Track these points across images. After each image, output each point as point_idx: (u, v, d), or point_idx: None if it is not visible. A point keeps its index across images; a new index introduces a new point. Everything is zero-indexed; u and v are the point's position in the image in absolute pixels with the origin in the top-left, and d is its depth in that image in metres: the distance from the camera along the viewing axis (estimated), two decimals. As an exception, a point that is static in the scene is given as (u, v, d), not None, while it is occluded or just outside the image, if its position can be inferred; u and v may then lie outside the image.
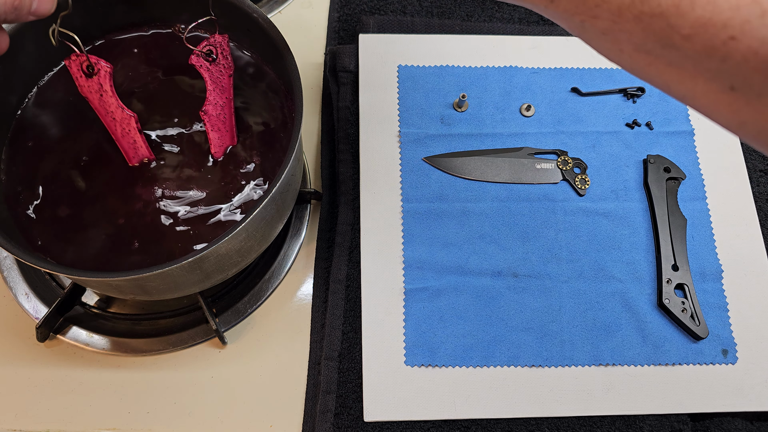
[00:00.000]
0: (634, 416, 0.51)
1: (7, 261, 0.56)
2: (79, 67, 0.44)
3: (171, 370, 0.53)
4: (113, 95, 0.45)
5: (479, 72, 0.63)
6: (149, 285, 0.43)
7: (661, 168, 0.59)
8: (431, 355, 0.52)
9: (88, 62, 0.44)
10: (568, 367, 0.52)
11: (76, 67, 0.44)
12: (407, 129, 0.60)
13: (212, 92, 0.47)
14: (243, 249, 0.45)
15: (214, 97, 0.47)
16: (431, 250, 0.55)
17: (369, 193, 0.57)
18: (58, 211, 0.45)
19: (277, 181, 0.41)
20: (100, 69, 0.44)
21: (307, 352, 0.53)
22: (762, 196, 0.60)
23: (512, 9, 0.68)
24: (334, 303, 0.54)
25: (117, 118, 0.46)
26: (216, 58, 0.46)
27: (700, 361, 0.53)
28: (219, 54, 0.46)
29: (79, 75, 0.44)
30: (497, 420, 0.51)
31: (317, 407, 0.51)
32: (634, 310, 0.54)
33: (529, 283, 0.55)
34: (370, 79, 0.62)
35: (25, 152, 0.47)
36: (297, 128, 0.42)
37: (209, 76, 0.46)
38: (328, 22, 0.67)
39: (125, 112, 0.46)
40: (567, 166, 0.59)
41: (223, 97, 0.47)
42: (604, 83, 0.63)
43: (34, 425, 0.50)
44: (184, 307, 0.55)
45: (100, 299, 0.55)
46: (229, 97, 0.48)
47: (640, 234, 0.57)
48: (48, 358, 0.52)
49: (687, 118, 0.62)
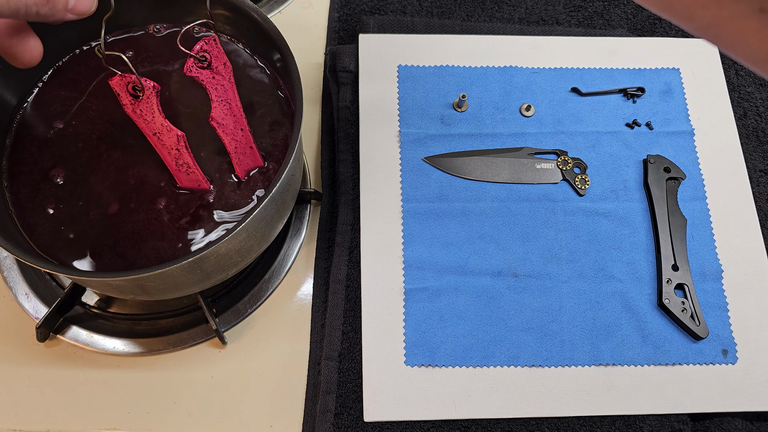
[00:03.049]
0: (634, 416, 0.51)
1: (7, 261, 0.56)
2: (125, 87, 0.42)
3: (171, 370, 0.53)
4: (160, 114, 0.43)
5: (479, 72, 0.63)
6: (149, 285, 0.43)
7: (661, 168, 0.59)
8: (431, 355, 0.52)
9: (137, 83, 0.41)
10: (568, 367, 0.52)
11: (121, 88, 0.42)
12: (407, 129, 0.60)
13: (216, 101, 0.45)
14: (243, 249, 0.45)
15: (219, 104, 0.45)
16: (431, 250, 0.55)
17: (369, 193, 0.57)
18: (59, 211, 0.45)
19: (277, 181, 0.41)
20: (147, 89, 0.42)
21: (307, 352, 0.53)
22: (762, 196, 0.60)
23: (512, 9, 0.68)
24: (334, 303, 0.54)
25: (164, 140, 0.43)
26: (210, 63, 0.44)
27: (700, 361, 0.53)
28: (212, 58, 0.44)
29: (125, 95, 0.42)
30: (497, 420, 0.51)
31: (317, 407, 0.51)
32: (634, 310, 0.54)
33: (529, 283, 0.55)
34: (370, 79, 0.62)
35: (26, 151, 0.47)
36: (297, 128, 0.42)
37: (209, 84, 0.44)
38: (328, 22, 0.67)
39: (172, 132, 0.43)
40: (567, 166, 0.59)
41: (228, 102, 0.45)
42: (604, 83, 0.63)
43: (34, 425, 0.50)
44: (184, 307, 0.55)
45: (100, 299, 0.55)
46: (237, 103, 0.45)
47: (640, 234, 0.57)
48: (48, 358, 0.53)
49: (687, 118, 0.62)
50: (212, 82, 0.44)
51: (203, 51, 0.43)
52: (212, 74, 0.44)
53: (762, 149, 0.63)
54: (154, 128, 0.43)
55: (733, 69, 0.66)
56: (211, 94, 0.45)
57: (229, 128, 0.45)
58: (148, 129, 0.44)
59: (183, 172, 0.45)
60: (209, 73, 0.44)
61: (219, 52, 0.44)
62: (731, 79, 0.65)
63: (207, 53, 0.44)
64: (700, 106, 0.63)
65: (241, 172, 0.46)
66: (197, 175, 0.45)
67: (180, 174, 0.45)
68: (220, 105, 0.45)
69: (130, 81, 0.41)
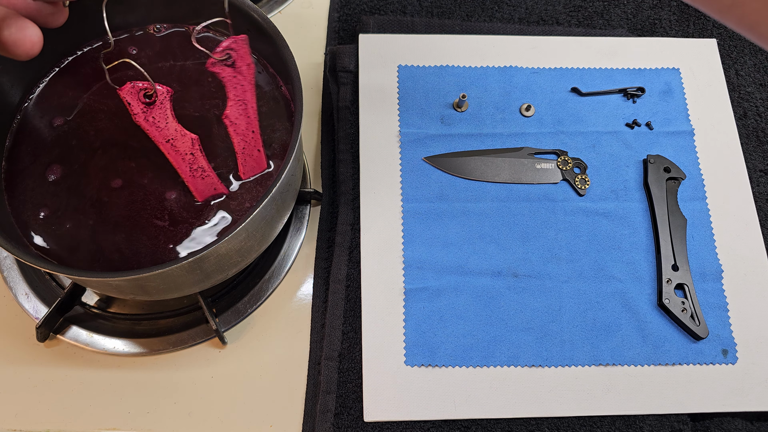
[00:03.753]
0: (634, 416, 0.51)
1: (7, 261, 0.56)
2: (137, 95, 0.40)
3: (171, 370, 0.53)
4: (174, 119, 0.41)
5: (479, 72, 0.63)
6: (149, 285, 0.43)
7: (661, 168, 0.59)
8: (431, 355, 0.52)
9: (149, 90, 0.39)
10: (568, 367, 0.52)
11: (132, 97, 0.40)
12: (407, 129, 0.60)
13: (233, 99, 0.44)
14: (243, 249, 0.45)
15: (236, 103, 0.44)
16: (431, 250, 0.55)
17: (369, 193, 0.57)
18: (59, 211, 0.45)
19: (277, 181, 0.41)
20: (161, 94, 0.40)
21: (307, 352, 0.53)
22: (762, 196, 0.60)
23: (512, 9, 0.68)
24: (334, 303, 0.54)
25: (178, 145, 0.42)
26: (234, 62, 0.43)
27: (700, 361, 0.53)
28: (237, 57, 0.43)
29: (137, 103, 0.40)
30: (497, 420, 0.51)
31: (317, 407, 0.51)
32: (634, 310, 0.54)
33: (529, 283, 0.55)
34: (370, 79, 0.62)
35: (26, 151, 0.47)
36: (297, 128, 0.42)
37: (229, 82, 0.43)
38: (328, 22, 0.67)
39: (186, 136, 0.42)
40: (567, 166, 0.59)
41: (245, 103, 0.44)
42: (604, 83, 0.63)
43: (34, 425, 0.50)
44: (184, 307, 0.55)
45: (100, 299, 0.55)
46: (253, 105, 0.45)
47: (640, 234, 0.57)
48: (48, 358, 0.53)
49: (687, 118, 0.62)
50: (233, 80, 0.44)
51: (229, 49, 0.42)
52: (234, 73, 0.44)
53: (762, 149, 0.63)
54: (167, 135, 0.42)
55: (733, 69, 0.66)
56: (229, 92, 0.44)
57: (241, 128, 0.45)
58: (161, 136, 0.42)
59: (198, 177, 0.44)
60: (231, 71, 0.43)
61: (245, 52, 0.43)
62: (731, 79, 0.65)
63: (233, 51, 0.43)
64: (700, 106, 0.63)
65: (244, 174, 0.46)
66: (212, 178, 0.44)
67: (195, 180, 0.44)
68: (236, 104, 0.44)
69: (142, 88, 0.40)
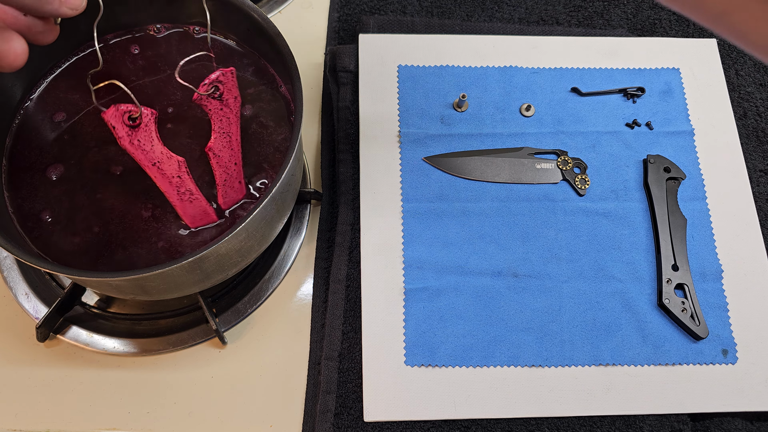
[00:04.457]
0: (634, 416, 0.51)
1: (7, 261, 0.56)
2: (121, 119, 0.39)
3: (171, 370, 0.53)
4: (159, 142, 0.41)
5: (479, 72, 0.63)
6: (149, 285, 0.43)
7: (661, 168, 0.59)
8: (431, 355, 0.52)
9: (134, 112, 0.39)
10: (568, 367, 0.52)
11: (117, 120, 0.39)
12: (407, 129, 0.60)
13: (217, 132, 0.44)
14: (243, 249, 0.45)
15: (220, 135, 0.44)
16: (431, 250, 0.55)
17: (369, 193, 0.57)
18: (59, 211, 0.45)
19: (277, 181, 0.41)
20: (145, 116, 0.40)
21: (307, 352, 0.53)
22: (762, 196, 0.60)
23: (512, 9, 0.68)
24: (334, 303, 0.54)
25: (164, 168, 0.41)
26: (222, 94, 0.43)
27: (700, 361, 0.53)
28: (225, 90, 0.43)
29: (121, 127, 0.39)
30: (497, 420, 0.51)
31: (317, 407, 0.51)
32: (634, 310, 0.54)
33: (529, 283, 0.55)
34: (370, 79, 0.62)
35: (27, 151, 0.47)
36: (297, 128, 0.42)
37: (215, 115, 0.43)
38: (328, 22, 0.67)
39: (173, 158, 0.41)
40: (567, 166, 0.59)
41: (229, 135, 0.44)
42: (604, 83, 0.63)
43: (34, 425, 0.50)
44: (184, 307, 0.55)
45: (100, 299, 0.55)
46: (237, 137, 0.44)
47: (640, 234, 0.57)
48: (48, 358, 0.53)
49: (687, 118, 0.62)
50: (219, 113, 0.44)
51: (218, 81, 0.42)
52: (221, 106, 0.43)
53: (762, 149, 0.63)
54: (153, 158, 0.42)
55: (733, 69, 0.66)
56: (214, 125, 0.44)
57: (224, 161, 0.45)
58: (147, 160, 0.42)
59: (186, 200, 0.44)
60: (218, 104, 0.43)
61: (233, 85, 0.43)
62: (731, 79, 0.65)
63: (221, 84, 0.43)
64: (700, 106, 0.63)
65: (224, 204, 0.45)
66: (201, 201, 0.44)
67: (183, 203, 0.44)
68: (220, 137, 0.44)
69: (126, 111, 0.39)
